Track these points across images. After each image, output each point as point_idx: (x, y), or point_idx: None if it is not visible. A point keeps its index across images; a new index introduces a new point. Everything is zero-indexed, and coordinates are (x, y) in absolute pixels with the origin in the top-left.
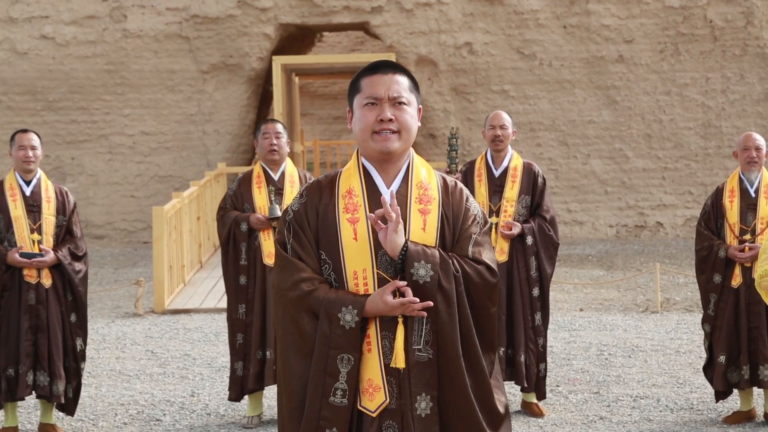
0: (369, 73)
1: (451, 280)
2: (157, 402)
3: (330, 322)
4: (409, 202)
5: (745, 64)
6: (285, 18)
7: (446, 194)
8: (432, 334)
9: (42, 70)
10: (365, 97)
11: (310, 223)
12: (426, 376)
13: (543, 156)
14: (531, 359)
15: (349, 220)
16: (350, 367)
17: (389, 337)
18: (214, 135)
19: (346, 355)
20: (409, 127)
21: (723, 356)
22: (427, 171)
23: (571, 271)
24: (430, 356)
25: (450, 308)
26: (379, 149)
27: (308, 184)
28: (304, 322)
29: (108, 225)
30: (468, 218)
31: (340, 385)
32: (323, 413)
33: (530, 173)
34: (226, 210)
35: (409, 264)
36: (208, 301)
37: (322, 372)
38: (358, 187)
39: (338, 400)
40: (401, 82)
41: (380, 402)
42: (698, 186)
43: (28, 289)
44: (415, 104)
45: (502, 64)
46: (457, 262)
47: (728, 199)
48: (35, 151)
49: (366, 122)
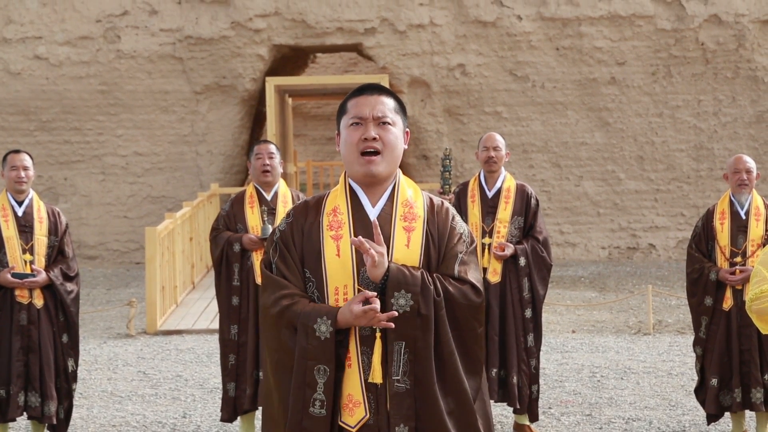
0: (355, 95)
1: (431, 306)
2: (149, 423)
3: (306, 333)
4: (394, 219)
5: (737, 86)
6: (278, 39)
7: (432, 213)
8: (409, 364)
9: (35, 91)
10: (350, 117)
11: (295, 243)
12: (404, 407)
13: (536, 177)
14: (523, 380)
15: (332, 237)
16: (326, 378)
17: (368, 352)
18: (207, 156)
19: (322, 366)
20: (393, 146)
21: (715, 379)
22: (414, 191)
23: (563, 292)
24: (408, 386)
25: (426, 335)
26: (364, 172)
27: (296, 205)
28: (285, 337)
29: (100, 245)
30: (454, 237)
31: (318, 396)
32: (304, 424)
33: (523, 195)
34: (219, 230)
35: (389, 294)
36: (200, 322)
37: (302, 384)
38: (344, 205)
39: (317, 411)
40: (386, 103)
41: (360, 417)
42: (690, 208)
43: (20, 310)
44: (400, 125)
45: (494, 85)
46: (440, 284)
47: (719, 222)
48: (27, 172)
49: (350, 141)
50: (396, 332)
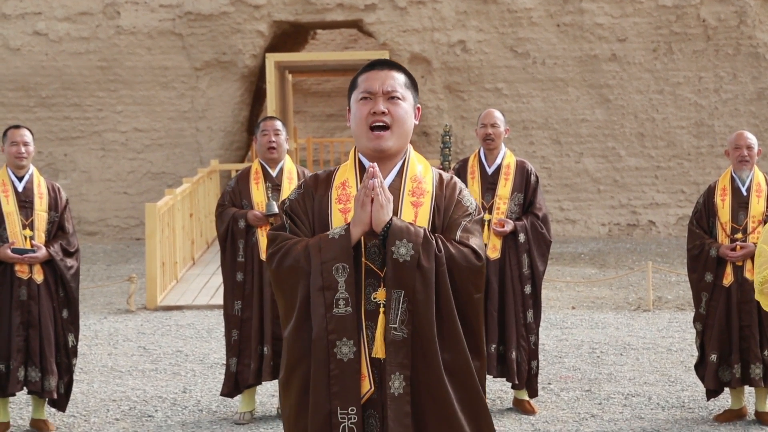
0: (366, 70)
1: (432, 259)
2: (149, 398)
3: (320, 240)
4: (402, 194)
5: (738, 63)
6: (278, 15)
7: (440, 188)
8: (408, 314)
9: (35, 67)
10: (360, 92)
11: (307, 212)
12: (400, 356)
13: (536, 154)
14: (522, 356)
15: (340, 210)
16: (346, 275)
17: (372, 327)
18: (207, 132)
19: (340, 264)
20: (402, 121)
21: (714, 355)
22: (424, 167)
23: (563, 269)
24: (405, 335)
25: (427, 288)
26: (373, 147)
27: (307, 178)
28: (295, 257)
29: (100, 221)
30: (459, 209)
31: (341, 294)
32: (330, 327)
33: (523, 171)
34: (224, 207)
35: (390, 241)
36: (200, 297)
37: (320, 289)
38: (353, 179)
39: (342, 310)
40: (397, 78)
41: (365, 390)
42: (690, 185)
43: (20, 285)
44: (411, 101)
45: (495, 62)
46: (441, 243)
47: (720, 198)
48: (27, 147)
49: (360, 116)
50: (395, 280)
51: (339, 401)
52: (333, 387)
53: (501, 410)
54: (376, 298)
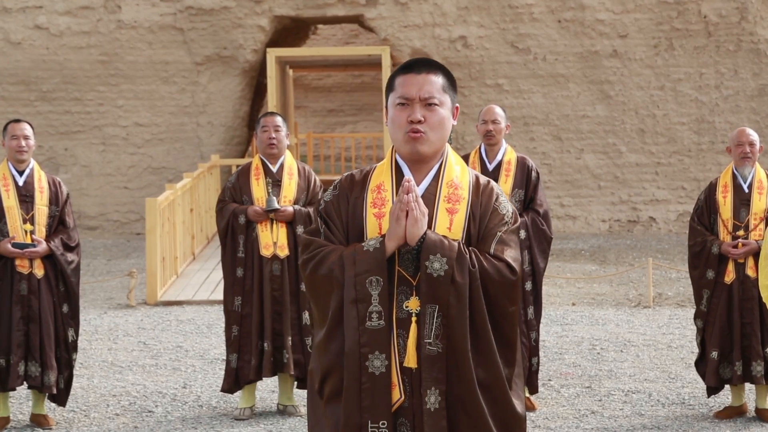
0: (403, 72)
1: (466, 275)
2: (149, 393)
3: (354, 250)
4: (438, 200)
5: (739, 59)
6: (279, 10)
7: (476, 194)
8: (442, 328)
9: (36, 61)
10: (398, 97)
11: (341, 214)
12: (435, 371)
13: (536, 150)
14: (523, 353)
15: (375, 214)
16: (380, 289)
17: (404, 335)
18: (208, 127)
19: (374, 277)
20: (439, 127)
21: (715, 352)
22: (461, 169)
23: (563, 265)
24: (440, 350)
25: (461, 303)
26: (409, 151)
27: (342, 178)
28: (329, 266)
29: (101, 216)
30: (495, 217)
31: (375, 308)
32: (362, 340)
33: (524, 167)
34: (225, 202)
35: (424, 256)
36: (200, 293)
37: (353, 302)
38: (389, 182)
39: (375, 324)
40: (434, 82)
41: (395, 399)
42: (691, 181)
43: (20, 280)
44: (448, 104)
45: (496, 58)
46: (475, 257)
47: (721, 195)
48: (28, 141)
49: (397, 122)
50: (429, 295)
51: (370, 415)
52: (364, 400)
53: None
54: (408, 306)
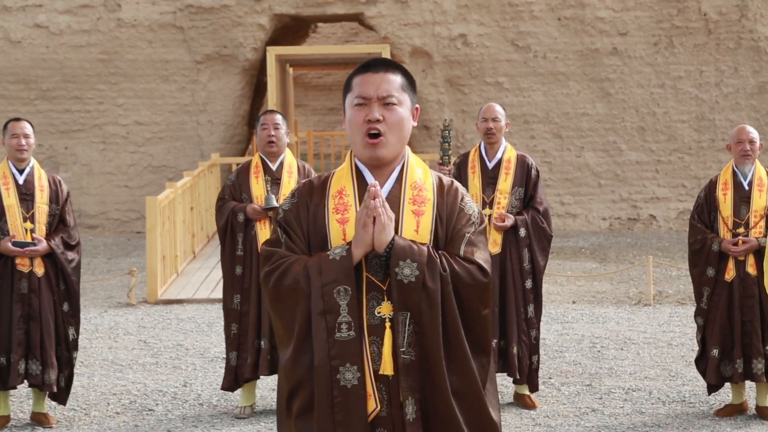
0: (361, 72)
1: (437, 279)
2: (150, 392)
3: (320, 260)
4: (402, 202)
5: (739, 57)
6: (279, 8)
7: (441, 195)
8: (415, 336)
9: (35, 59)
10: (355, 97)
11: (302, 223)
12: (410, 380)
13: (537, 148)
14: (523, 351)
15: (338, 220)
16: (349, 298)
17: (377, 342)
18: (208, 125)
19: (341, 286)
20: (398, 127)
21: (716, 350)
22: (423, 171)
23: (564, 263)
24: (413, 358)
25: (433, 309)
26: (368, 155)
27: (300, 185)
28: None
29: (101, 215)
30: (462, 218)
31: (344, 318)
32: (332, 353)
33: (524, 165)
34: (224, 200)
35: (394, 262)
36: (200, 291)
37: (321, 313)
38: (350, 187)
39: (345, 335)
40: (392, 81)
41: (371, 409)
42: (691, 179)
43: (21, 278)
44: (408, 104)
45: (496, 55)
46: (446, 261)
47: (722, 192)
48: (28, 140)
49: (355, 122)
50: (400, 302)
51: (344, 429)
52: (338, 415)
53: (501, 405)
54: (381, 312)
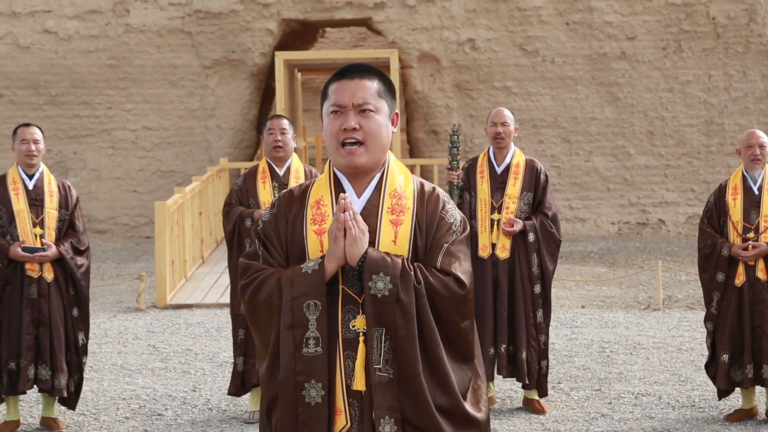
0: (336, 79)
1: (411, 292)
2: (159, 396)
3: (293, 273)
4: (380, 212)
5: (748, 61)
6: (287, 13)
7: (421, 203)
8: (391, 352)
9: (44, 65)
10: (331, 105)
11: (279, 234)
12: (389, 398)
13: (545, 153)
14: (533, 356)
15: (316, 231)
16: (318, 313)
17: (351, 356)
18: (217, 130)
19: (312, 300)
20: (376, 135)
21: (726, 355)
22: (404, 177)
23: (573, 268)
24: (391, 376)
25: (408, 323)
26: (345, 164)
27: (280, 195)
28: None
29: (110, 220)
30: (442, 227)
31: (311, 334)
32: (298, 368)
33: (532, 170)
34: (231, 205)
35: (367, 276)
36: (209, 296)
37: (289, 327)
38: (328, 196)
39: (311, 350)
40: (368, 87)
41: (341, 426)
42: (700, 183)
43: (30, 283)
44: (385, 110)
45: (504, 60)
46: (420, 273)
47: (731, 197)
48: (38, 145)
49: (331, 131)
50: (375, 317)
51: None
52: (301, 431)
53: (511, 410)
54: (355, 326)
